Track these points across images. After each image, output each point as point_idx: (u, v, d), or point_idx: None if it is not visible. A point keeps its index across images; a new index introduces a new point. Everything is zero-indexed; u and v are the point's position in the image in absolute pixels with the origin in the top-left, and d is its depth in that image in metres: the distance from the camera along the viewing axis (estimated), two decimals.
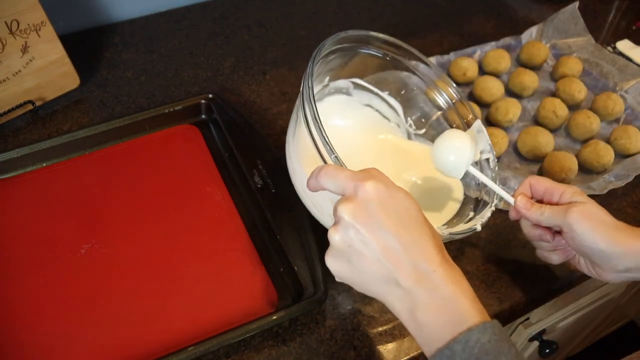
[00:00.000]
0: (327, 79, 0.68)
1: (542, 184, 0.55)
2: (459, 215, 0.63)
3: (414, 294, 0.39)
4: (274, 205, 0.65)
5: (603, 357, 1.37)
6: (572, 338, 1.20)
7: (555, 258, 0.57)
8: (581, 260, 0.56)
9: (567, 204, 0.52)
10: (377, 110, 0.73)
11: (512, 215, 0.57)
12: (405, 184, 0.67)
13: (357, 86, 0.72)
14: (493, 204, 0.59)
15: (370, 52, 0.68)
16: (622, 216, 0.69)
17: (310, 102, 0.52)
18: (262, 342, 0.56)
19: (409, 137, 0.72)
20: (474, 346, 0.37)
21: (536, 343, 0.91)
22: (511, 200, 0.56)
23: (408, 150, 0.71)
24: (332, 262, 0.42)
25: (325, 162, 0.50)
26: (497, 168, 0.63)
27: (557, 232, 0.55)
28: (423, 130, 0.71)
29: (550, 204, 0.54)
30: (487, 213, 0.58)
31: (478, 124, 0.64)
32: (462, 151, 0.59)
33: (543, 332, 0.90)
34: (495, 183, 0.61)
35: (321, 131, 0.50)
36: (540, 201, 0.56)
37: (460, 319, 0.38)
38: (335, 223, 0.41)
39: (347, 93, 0.72)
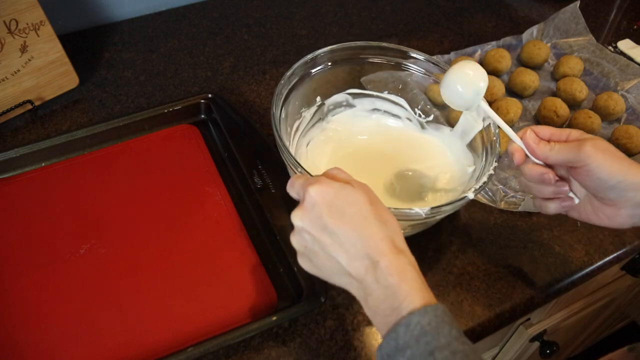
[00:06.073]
0: (318, 98, 0.69)
1: (546, 130, 0.54)
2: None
3: (364, 283, 0.43)
4: (274, 205, 0.64)
5: (604, 357, 1.37)
6: (574, 338, 1.20)
7: (552, 207, 0.56)
8: (587, 208, 0.54)
9: (578, 140, 0.51)
10: (385, 112, 0.73)
11: (517, 159, 0.55)
12: (417, 170, 0.68)
13: (357, 95, 0.72)
14: (489, 172, 0.58)
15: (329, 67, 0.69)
16: None
17: (276, 129, 0.59)
18: (262, 342, 0.56)
19: (423, 127, 0.72)
20: (414, 328, 0.40)
21: (537, 343, 0.90)
22: (518, 139, 0.54)
23: (420, 142, 0.72)
24: (300, 262, 0.47)
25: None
26: (498, 129, 0.61)
27: (559, 179, 0.54)
28: (432, 117, 0.72)
29: None
30: (482, 179, 0.57)
31: None
32: (473, 79, 0.57)
33: (544, 332, 0.90)
34: (493, 148, 0.60)
35: (285, 147, 0.56)
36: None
37: (403, 305, 0.41)
38: (293, 229, 0.46)
39: (349, 105, 0.73)
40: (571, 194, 0.55)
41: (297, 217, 0.45)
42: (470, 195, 0.55)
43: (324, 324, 0.58)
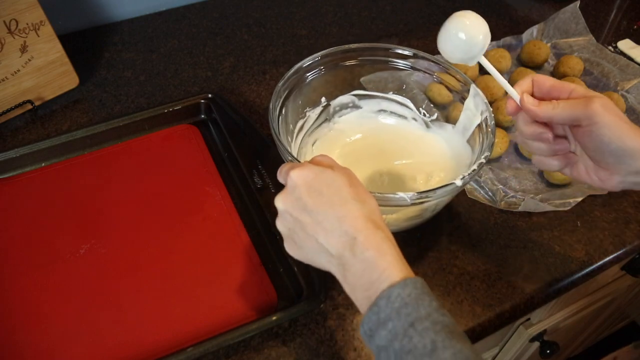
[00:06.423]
0: (323, 99, 0.70)
1: (547, 81, 0.52)
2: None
3: (342, 260, 0.43)
4: (274, 205, 0.64)
5: (604, 357, 1.37)
6: (574, 338, 1.20)
7: (555, 164, 0.54)
8: (579, 167, 0.53)
9: (584, 97, 0.49)
10: (391, 112, 0.73)
11: (510, 109, 0.53)
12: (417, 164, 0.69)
13: (363, 96, 0.72)
14: (480, 160, 0.57)
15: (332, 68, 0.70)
16: (623, 216, 0.69)
17: (273, 120, 0.60)
18: (262, 342, 0.56)
19: (427, 126, 0.73)
20: (395, 300, 0.40)
21: (537, 343, 0.90)
22: (517, 96, 0.52)
23: (425, 141, 0.72)
24: (286, 246, 0.48)
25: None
26: (493, 122, 0.60)
27: (558, 137, 0.53)
28: (435, 115, 0.72)
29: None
30: (472, 166, 0.56)
31: (473, 87, 0.64)
32: (475, 27, 0.53)
33: (544, 332, 0.90)
34: (488, 138, 0.59)
35: (279, 138, 0.57)
36: (543, 100, 0.52)
37: (382, 278, 0.41)
38: (277, 216, 0.48)
39: (355, 106, 0.73)
40: (573, 149, 0.54)
41: (279, 200, 0.46)
42: (458, 183, 0.54)
43: (324, 324, 0.58)
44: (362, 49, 0.69)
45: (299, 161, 0.56)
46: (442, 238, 0.66)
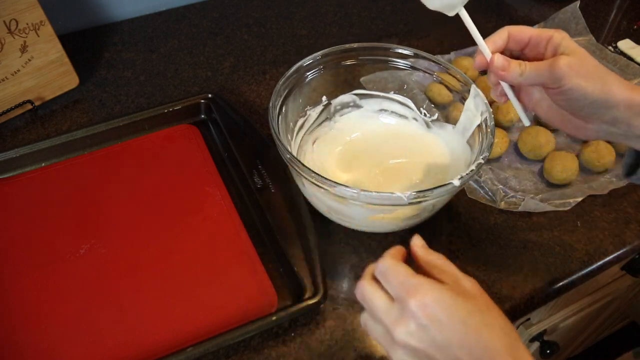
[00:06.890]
0: (323, 98, 0.70)
1: (526, 33, 0.50)
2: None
3: None
4: (274, 205, 0.64)
5: (604, 357, 1.37)
6: (574, 338, 1.20)
7: (492, 93, 0.55)
8: (555, 115, 0.52)
9: (550, 59, 0.48)
10: (392, 112, 0.73)
11: (477, 64, 0.52)
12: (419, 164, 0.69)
13: (364, 96, 0.72)
14: (478, 161, 0.57)
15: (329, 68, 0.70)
16: (623, 216, 0.69)
17: (272, 123, 0.59)
18: (261, 342, 0.56)
19: (428, 126, 0.73)
20: None
21: (537, 343, 0.90)
22: (488, 53, 0.51)
23: (425, 141, 0.72)
24: None
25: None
26: (493, 122, 0.60)
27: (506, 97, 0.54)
28: (436, 115, 0.72)
29: (537, 58, 0.50)
30: (471, 167, 0.56)
31: (474, 88, 0.64)
32: None
33: (544, 332, 0.90)
34: (487, 138, 0.59)
35: (279, 137, 0.57)
36: (519, 57, 0.51)
37: None
38: (397, 346, 0.40)
39: (356, 105, 0.73)
40: (523, 116, 0.54)
41: (403, 333, 0.39)
42: (456, 183, 0.54)
43: (324, 324, 0.58)
44: (362, 48, 0.69)
45: (298, 160, 0.55)
46: (442, 238, 0.66)
